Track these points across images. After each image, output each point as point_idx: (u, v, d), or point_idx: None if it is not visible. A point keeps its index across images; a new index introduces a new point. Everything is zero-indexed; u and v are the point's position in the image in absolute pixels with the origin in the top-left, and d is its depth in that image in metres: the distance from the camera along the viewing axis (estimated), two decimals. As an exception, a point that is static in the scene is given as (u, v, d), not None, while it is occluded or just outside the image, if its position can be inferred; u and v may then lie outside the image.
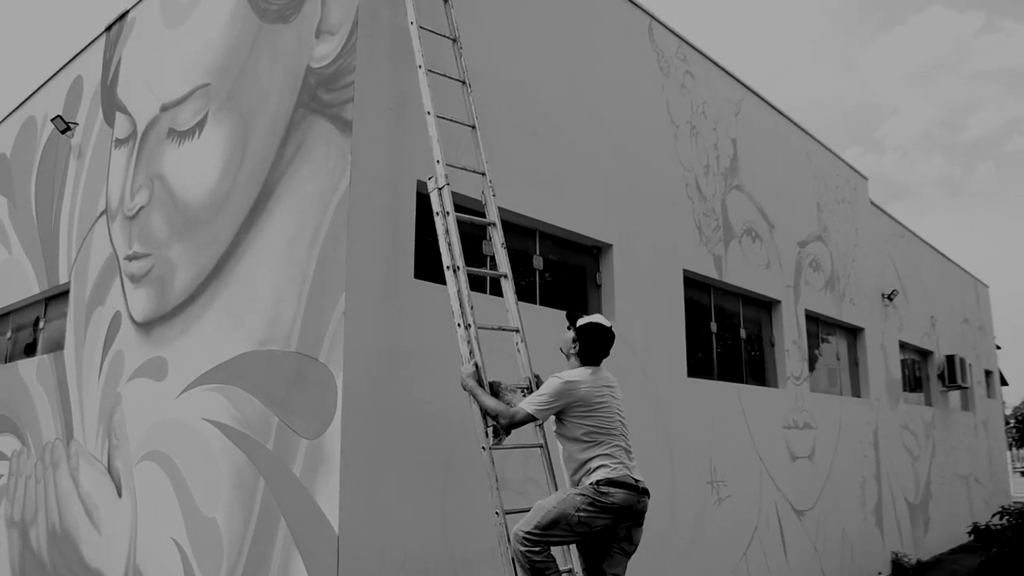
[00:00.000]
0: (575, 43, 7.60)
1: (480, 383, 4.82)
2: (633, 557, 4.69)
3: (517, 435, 4.99)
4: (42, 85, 10.35)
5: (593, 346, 4.75)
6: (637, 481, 4.52)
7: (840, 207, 12.78)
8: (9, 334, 10.47)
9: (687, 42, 9.37)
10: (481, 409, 4.76)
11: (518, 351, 5.34)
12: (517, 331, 5.36)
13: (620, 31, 8.31)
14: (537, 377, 5.16)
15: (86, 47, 9.41)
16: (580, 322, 4.80)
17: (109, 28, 8.93)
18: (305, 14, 6.05)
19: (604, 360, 4.85)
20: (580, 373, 4.65)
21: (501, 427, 4.64)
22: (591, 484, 4.43)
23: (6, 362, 10.30)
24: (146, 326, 7.13)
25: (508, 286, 5.48)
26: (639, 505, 4.50)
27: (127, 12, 8.62)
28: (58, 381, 8.53)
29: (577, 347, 4.75)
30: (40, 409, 8.79)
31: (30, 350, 9.90)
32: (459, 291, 5.05)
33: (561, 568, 4.55)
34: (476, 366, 4.89)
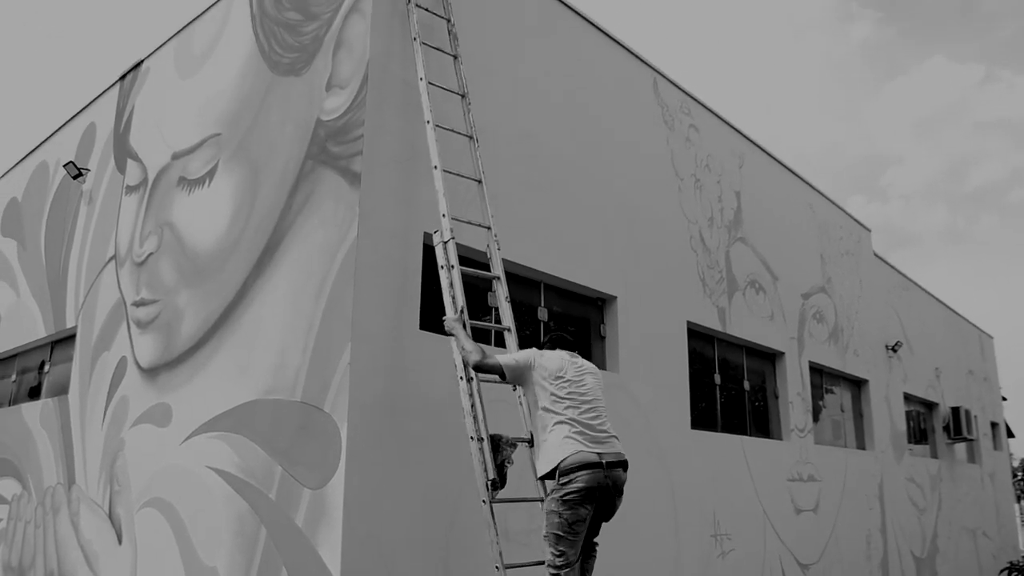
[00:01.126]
0: (581, 97, 7.72)
1: (464, 327, 5.07)
2: None
3: (518, 490, 5.00)
4: (56, 131, 10.50)
5: (554, 339, 5.16)
6: (600, 455, 4.54)
7: (844, 259, 12.83)
8: (14, 377, 10.50)
9: (691, 96, 9.50)
10: (460, 342, 4.99)
11: (520, 404, 5.36)
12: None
13: (625, 86, 8.44)
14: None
15: (100, 95, 9.57)
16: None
17: (123, 77, 9.09)
18: (316, 68, 6.17)
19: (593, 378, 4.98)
20: (553, 351, 5.01)
21: (470, 364, 4.87)
22: (553, 482, 4.55)
23: (10, 405, 10.31)
24: (151, 372, 7.15)
25: (511, 340, 5.52)
26: (606, 480, 4.53)
27: (141, 62, 8.79)
28: (61, 425, 8.54)
29: (547, 338, 5.20)
30: (42, 453, 8.78)
31: (34, 393, 9.92)
32: (462, 345, 5.08)
33: None
34: (462, 310, 5.12)
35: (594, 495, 4.51)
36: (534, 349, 5.01)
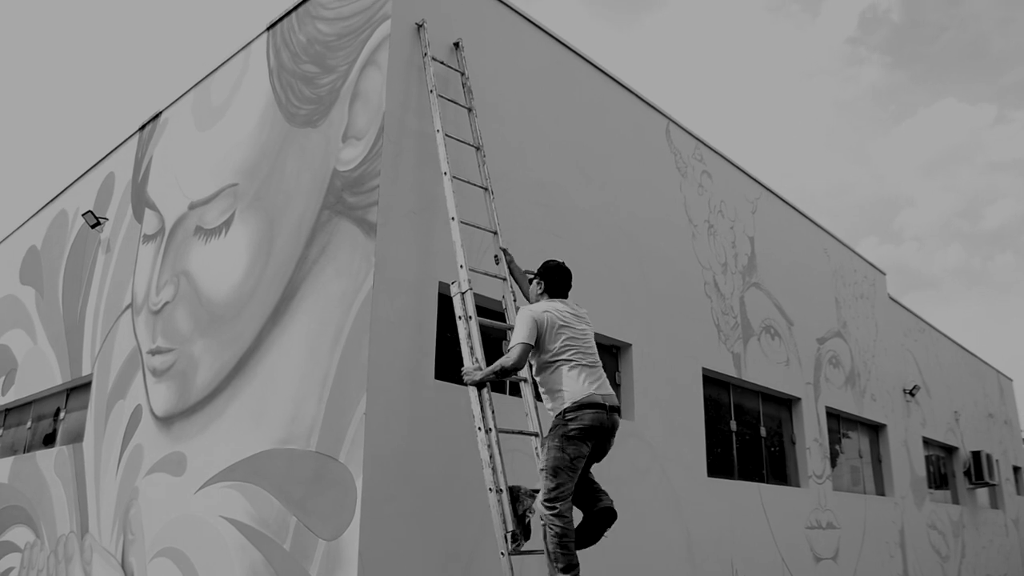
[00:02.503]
0: (594, 146, 7.78)
1: (481, 370, 5.11)
2: None
3: (535, 543, 4.95)
4: (75, 180, 10.65)
5: (553, 280, 5.27)
6: (604, 397, 4.82)
7: (859, 302, 12.78)
8: (29, 424, 10.52)
9: (704, 142, 9.56)
10: (486, 378, 5.03)
11: (537, 455, 5.32)
12: (536, 435, 5.35)
13: (638, 133, 8.51)
14: None
15: (119, 145, 9.71)
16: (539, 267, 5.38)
17: (142, 128, 9.23)
18: (332, 119, 6.25)
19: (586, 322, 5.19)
20: (543, 303, 5.14)
21: (508, 371, 4.92)
22: (558, 418, 4.77)
23: (25, 452, 10.32)
24: (166, 421, 7.16)
25: (527, 390, 5.50)
26: (609, 422, 4.82)
27: (160, 113, 8.93)
28: (76, 473, 8.54)
29: (542, 286, 5.29)
30: (56, 501, 8.77)
31: (49, 440, 9.93)
32: (480, 395, 5.07)
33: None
34: (475, 360, 5.17)
35: (595, 433, 4.77)
36: (530, 308, 5.07)
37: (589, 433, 4.74)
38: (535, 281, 5.36)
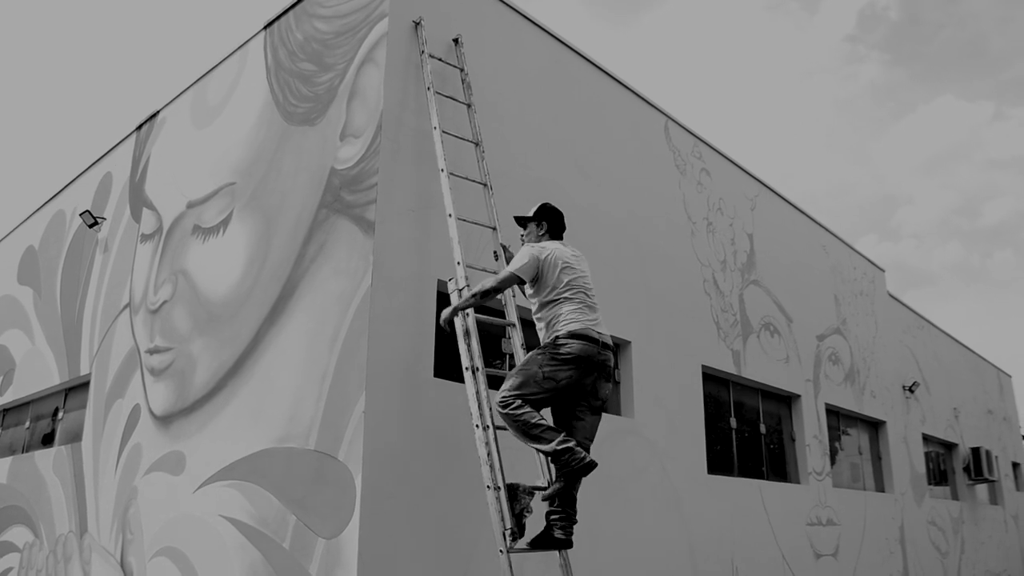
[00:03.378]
0: (593, 143, 7.77)
1: (459, 296, 5.19)
2: None
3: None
4: (73, 180, 10.63)
5: (554, 222, 5.37)
6: (599, 334, 4.88)
7: (858, 299, 12.77)
8: (28, 424, 10.51)
9: (702, 140, 9.55)
10: (464, 305, 5.07)
11: (537, 455, 5.31)
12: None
13: (637, 131, 8.49)
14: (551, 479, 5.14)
15: (116, 145, 9.70)
16: (533, 210, 5.43)
17: (140, 127, 9.21)
18: (330, 117, 6.24)
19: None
20: (546, 243, 5.22)
21: (489, 292, 5.00)
22: (550, 339, 4.85)
23: (23, 452, 10.31)
24: (165, 420, 7.14)
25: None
26: (599, 356, 4.84)
27: (157, 112, 8.91)
28: (74, 473, 8.52)
29: (544, 227, 5.36)
30: (55, 501, 8.75)
31: (48, 440, 9.91)
32: (478, 392, 5.06)
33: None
34: (461, 289, 5.24)
35: (581, 364, 4.79)
36: (530, 246, 5.16)
37: (574, 361, 4.78)
38: (534, 223, 5.41)
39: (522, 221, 5.52)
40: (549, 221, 5.38)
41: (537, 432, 4.65)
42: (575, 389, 4.87)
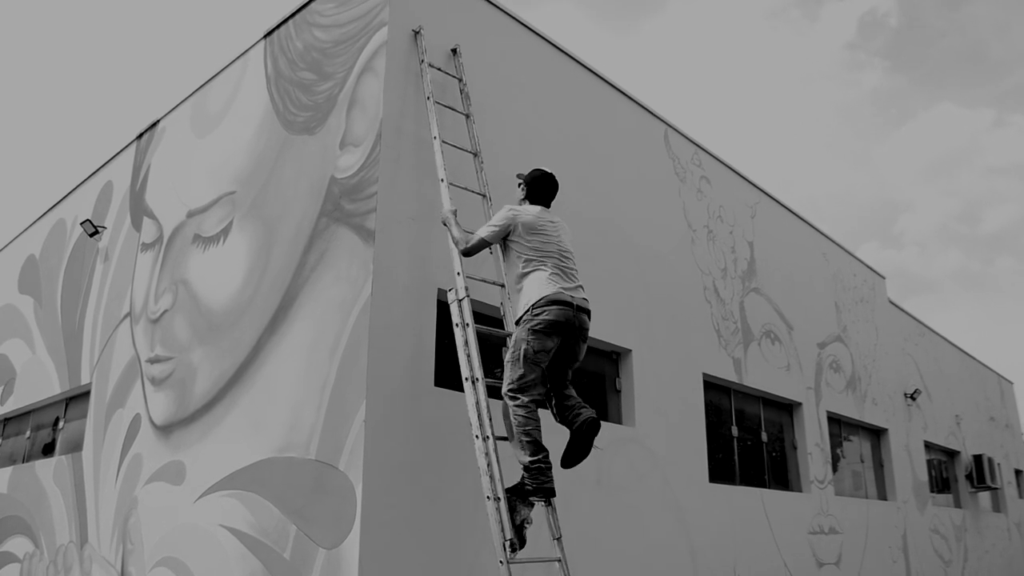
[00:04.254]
0: (593, 151, 7.77)
1: (455, 219, 5.43)
2: None
3: (536, 550, 4.92)
4: (73, 189, 10.64)
5: (537, 187, 5.51)
6: (572, 298, 4.97)
7: (859, 307, 12.76)
8: (28, 433, 10.50)
9: (702, 148, 9.56)
10: (451, 234, 5.38)
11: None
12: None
13: (637, 139, 8.50)
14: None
15: (117, 154, 9.71)
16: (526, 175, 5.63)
17: (140, 136, 9.22)
18: (330, 126, 6.24)
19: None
20: (526, 206, 5.40)
21: (460, 252, 5.30)
22: (525, 313, 4.95)
23: (24, 462, 10.29)
24: (165, 429, 7.13)
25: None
26: (575, 319, 4.95)
27: (158, 121, 8.92)
28: (75, 483, 8.51)
29: (525, 191, 5.52)
30: (55, 511, 8.74)
31: (48, 450, 9.90)
32: (477, 403, 5.04)
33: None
34: (454, 212, 5.48)
35: (561, 329, 4.91)
36: (509, 207, 5.31)
37: (554, 327, 4.89)
38: (520, 186, 5.59)
39: (520, 176, 5.74)
40: (531, 188, 5.53)
41: (525, 440, 4.79)
42: (566, 354, 5.04)
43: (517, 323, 5.07)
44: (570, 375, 5.22)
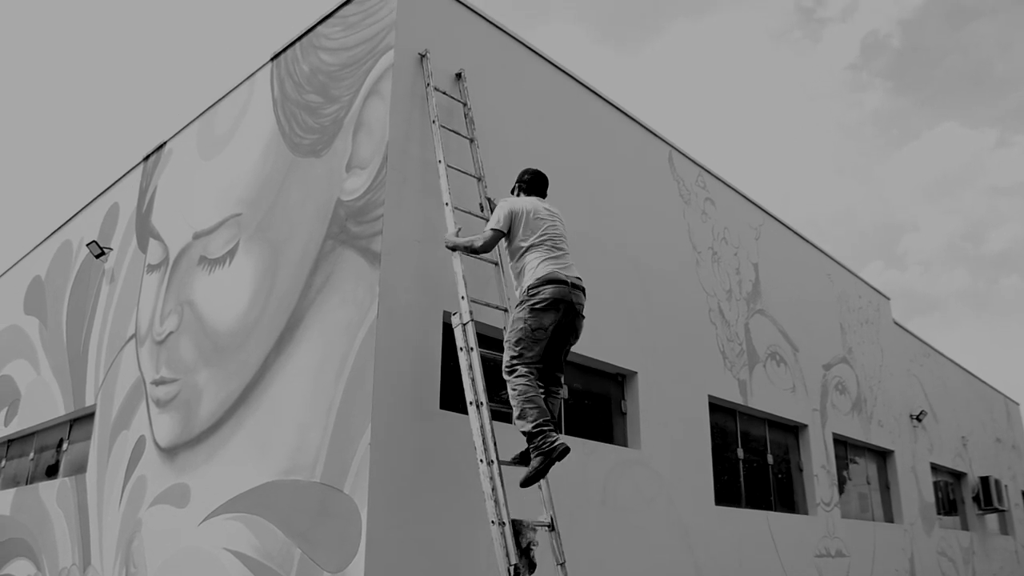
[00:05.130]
0: (597, 174, 7.79)
1: (458, 235, 5.59)
2: None
3: (540, 574, 4.89)
4: (80, 210, 10.68)
5: (531, 184, 5.77)
6: (567, 276, 5.18)
7: (864, 328, 12.74)
8: (32, 455, 10.48)
9: (706, 169, 9.58)
10: (459, 247, 5.49)
11: (539, 488, 5.28)
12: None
13: (641, 161, 8.52)
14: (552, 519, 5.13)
15: (124, 175, 9.75)
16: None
17: (147, 158, 9.27)
18: (336, 149, 6.27)
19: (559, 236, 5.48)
20: (522, 197, 5.67)
21: (476, 250, 5.44)
22: (522, 293, 5.18)
23: (27, 483, 10.27)
24: (170, 451, 7.12)
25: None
26: (571, 296, 5.15)
27: (165, 143, 8.96)
28: (78, 505, 8.48)
29: (521, 187, 5.80)
30: (58, 533, 8.71)
31: (52, 472, 9.88)
32: (482, 427, 5.02)
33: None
34: (458, 230, 5.62)
35: (558, 307, 5.10)
36: (507, 200, 5.52)
37: (552, 305, 5.08)
38: (516, 184, 5.87)
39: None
40: (526, 182, 5.79)
41: (527, 408, 4.92)
42: (564, 330, 5.19)
43: (517, 305, 5.25)
44: (563, 365, 5.40)
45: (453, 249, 5.52)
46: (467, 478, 5.42)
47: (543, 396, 5.10)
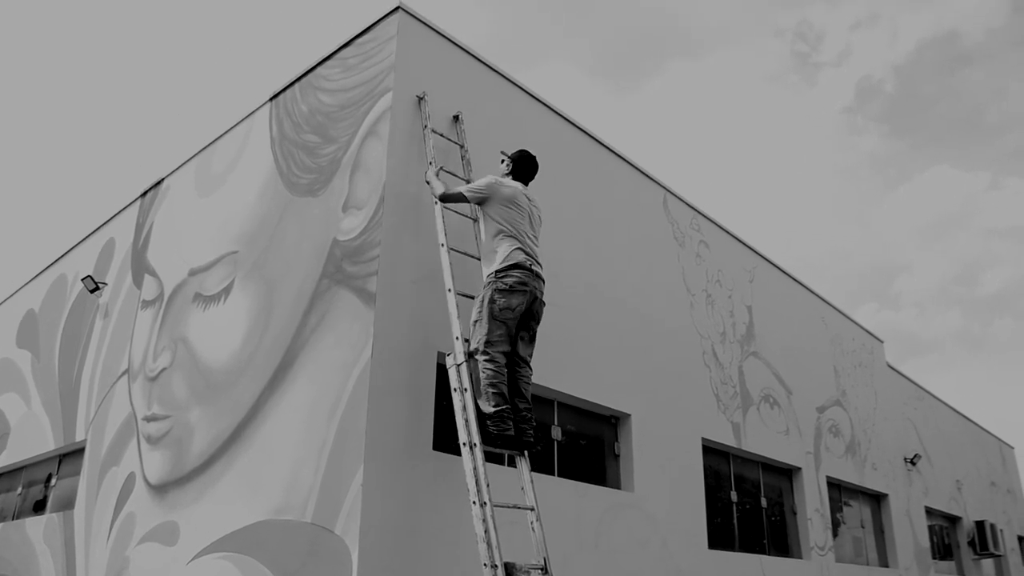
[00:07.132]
0: (592, 216, 7.84)
1: (438, 176, 6.00)
2: None
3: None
4: (75, 245, 10.70)
5: (521, 165, 6.06)
6: (531, 265, 5.53)
7: (857, 371, 12.75)
8: (20, 490, 10.39)
9: (701, 213, 9.65)
10: (432, 187, 5.90)
11: (532, 530, 5.25)
12: (532, 510, 5.27)
13: (636, 204, 8.58)
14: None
15: (120, 211, 9.78)
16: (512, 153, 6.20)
17: (144, 194, 9.31)
18: (333, 189, 6.31)
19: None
20: (508, 180, 5.94)
21: (436, 197, 5.83)
22: (489, 276, 5.48)
23: (14, 519, 10.16)
24: (160, 489, 7.07)
25: (524, 463, 5.44)
26: (532, 283, 5.48)
27: (162, 180, 9.01)
28: (65, 541, 8.39)
29: (509, 167, 6.06)
30: (44, 570, 8.60)
31: (39, 507, 9.78)
32: (475, 468, 5.01)
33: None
34: (439, 170, 6.04)
35: (525, 289, 5.42)
36: (493, 177, 5.83)
37: (519, 288, 5.41)
38: (505, 162, 6.13)
39: (504, 153, 6.31)
40: (516, 165, 6.06)
41: (492, 392, 5.19)
42: (525, 315, 5.49)
43: (484, 286, 5.50)
44: (531, 345, 5.66)
45: (428, 183, 5.96)
46: (460, 519, 5.39)
47: (507, 382, 5.37)
